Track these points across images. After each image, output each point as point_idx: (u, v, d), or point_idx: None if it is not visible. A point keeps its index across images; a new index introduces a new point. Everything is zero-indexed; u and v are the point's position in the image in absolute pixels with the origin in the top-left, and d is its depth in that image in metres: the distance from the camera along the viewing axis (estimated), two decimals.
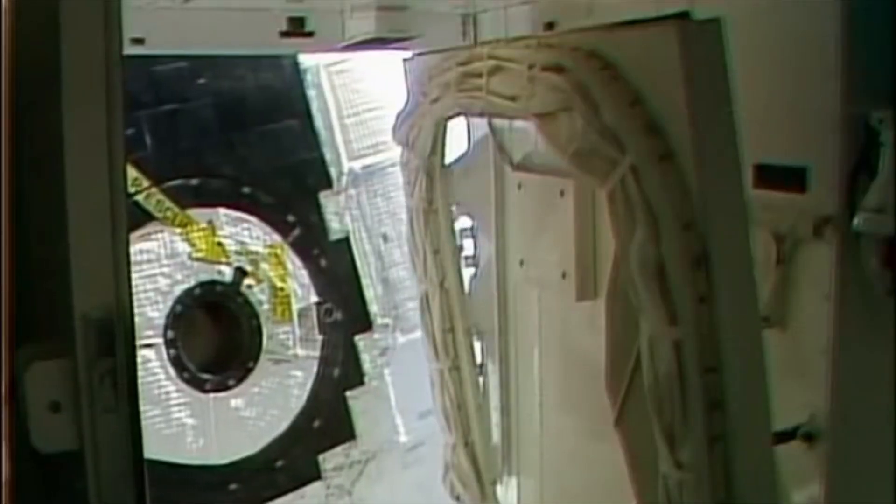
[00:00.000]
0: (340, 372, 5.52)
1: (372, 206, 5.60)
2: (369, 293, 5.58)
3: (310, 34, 4.28)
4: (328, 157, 5.52)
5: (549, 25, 4.08)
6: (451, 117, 4.18)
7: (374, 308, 5.59)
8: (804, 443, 3.03)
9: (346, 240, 5.54)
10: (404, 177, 4.67)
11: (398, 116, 4.47)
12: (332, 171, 5.51)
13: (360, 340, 5.54)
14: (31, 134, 1.87)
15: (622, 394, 3.19)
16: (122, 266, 1.86)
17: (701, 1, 2.90)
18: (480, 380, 4.73)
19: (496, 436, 4.77)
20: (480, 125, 4.48)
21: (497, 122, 4.18)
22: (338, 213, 5.51)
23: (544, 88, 3.10)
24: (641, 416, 2.93)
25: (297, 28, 4.23)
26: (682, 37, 2.62)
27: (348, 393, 5.50)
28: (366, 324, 5.59)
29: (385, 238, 5.63)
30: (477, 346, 4.76)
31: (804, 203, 2.98)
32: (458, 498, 4.81)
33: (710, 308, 2.69)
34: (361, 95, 5.59)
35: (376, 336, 5.57)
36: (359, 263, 5.55)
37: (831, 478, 3.01)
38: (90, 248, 1.85)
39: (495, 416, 4.77)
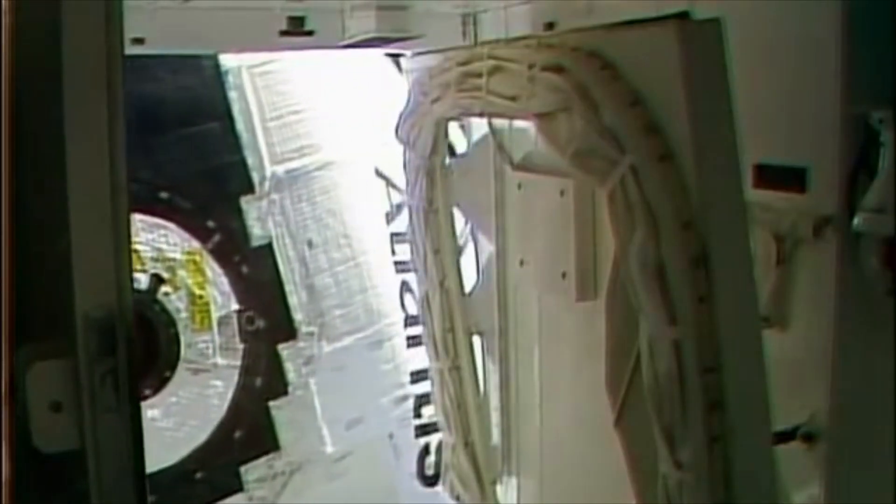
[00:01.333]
0: (263, 381, 5.30)
1: (296, 212, 5.37)
2: (293, 300, 5.34)
3: (310, 33, 4.28)
4: (250, 160, 5.28)
5: (549, 25, 4.09)
6: (451, 118, 4.19)
7: (298, 316, 5.35)
8: (804, 443, 3.03)
9: (269, 246, 5.30)
10: (404, 177, 4.68)
11: (399, 116, 4.47)
12: (255, 176, 5.27)
13: (284, 349, 5.31)
14: (31, 133, 1.87)
15: (622, 394, 3.19)
16: (123, 265, 1.86)
17: (701, 1, 2.90)
18: (481, 380, 4.73)
19: (496, 436, 4.77)
20: (480, 125, 4.48)
21: (497, 122, 4.18)
22: (260, 219, 5.28)
23: (544, 88, 3.10)
24: (641, 416, 2.93)
25: (296, 27, 4.23)
26: (682, 37, 2.62)
27: (271, 403, 5.28)
28: (290, 332, 5.34)
29: (310, 244, 5.39)
30: (477, 345, 4.76)
31: (804, 203, 2.98)
32: (458, 498, 4.82)
33: (710, 308, 2.69)
34: (286, 97, 5.38)
35: (301, 344, 5.34)
36: (282, 270, 5.32)
37: (831, 478, 3.01)
38: (91, 248, 1.85)
39: (495, 417, 4.77)
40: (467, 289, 4.67)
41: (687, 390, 2.72)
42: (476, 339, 4.74)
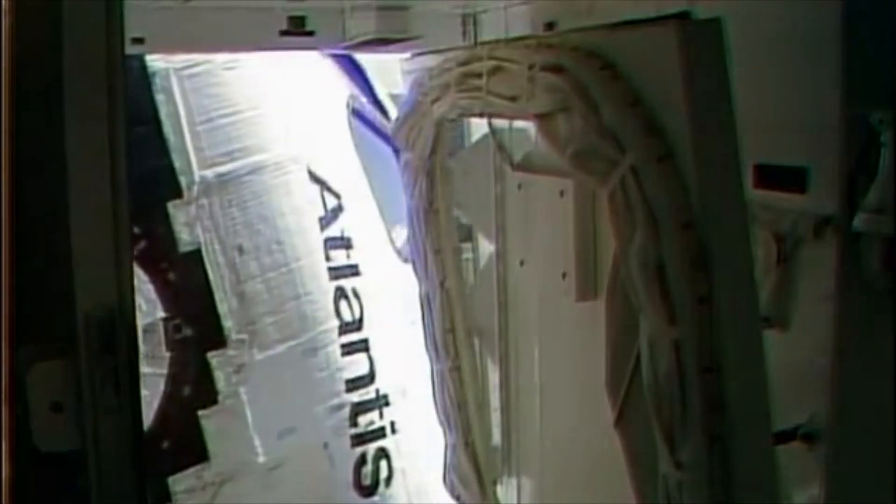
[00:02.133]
0: (191, 390, 5.11)
1: (226, 217, 5.18)
2: (223, 308, 5.15)
3: (310, 33, 4.28)
4: (178, 165, 5.10)
5: (549, 25, 4.09)
6: (451, 119, 4.19)
7: (228, 323, 5.17)
8: (804, 443, 3.03)
9: (198, 252, 5.11)
10: (404, 177, 4.68)
11: (398, 116, 4.48)
12: (183, 180, 5.09)
13: (213, 357, 5.12)
14: (31, 133, 1.87)
15: (622, 394, 3.19)
16: (124, 265, 1.86)
17: (701, 1, 2.90)
18: (480, 380, 4.73)
19: (496, 436, 4.77)
20: (480, 125, 4.48)
21: (497, 122, 4.18)
22: (188, 224, 5.09)
23: (544, 89, 3.10)
24: (641, 416, 2.93)
25: (297, 27, 4.23)
26: (682, 37, 2.62)
27: (200, 412, 5.07)
28: (219, 340, 5.16)
29: (241, 250, 5.20)
30: (477, 345, 4.76)
31: (804, 203, 2.98)
32: (458, 498, 4.82)
33: (710, 308, 2.69)
34: (216, 100, 5.20)
35: (231, 352, 5.15)
36: (211, 277, 5.13)
37: (831, 478, 3.01)
38: (91, 248, 1.85)
39: (495, 417, 4.77)
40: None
41: (687, 390, 2.72)
42: (476, 339, 4.74)
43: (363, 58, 6.12)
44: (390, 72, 6.33)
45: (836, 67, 2.85)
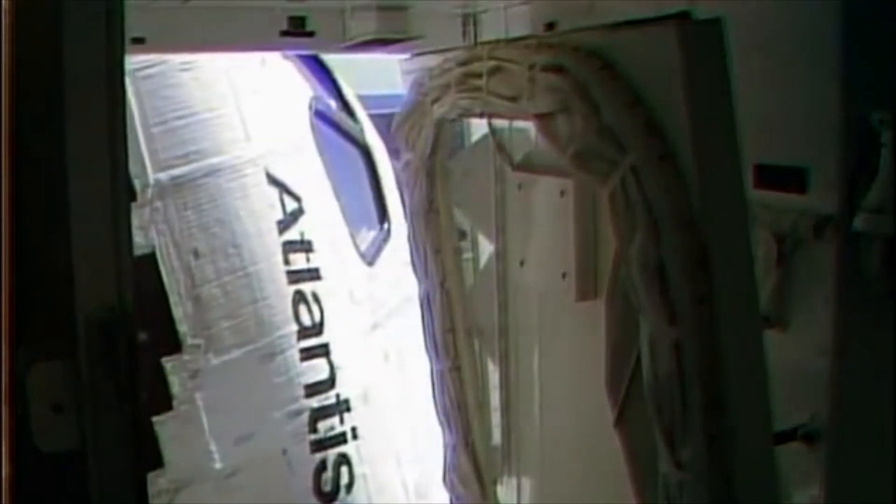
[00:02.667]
0: (145, 396, 4.77)
1: (181, 220, 5.09)
2: (178, 312, 5.06)
3: (310, 34, 4.27)
4: (132, 167, 4.79)
5: (550, 26, 4.08)
6: (451, 119, 4.19)
7: (183, 328, 5.07)
8: (804, 443, 3.03)
9: (152, 255, 5.03)
10: (404, 177, 4.68)
11: (398, 116, 4.47)
12: (137, 183, 4.99)
13: (168, 362, 5.03)
14: (31, 133, 1.87)
15: (622, 394, 3.19)
16: (124, 266, 1.86)
17: (701, 1, 2.90)
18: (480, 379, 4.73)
19: (496, 436, 4.77)
20: (480, 125, 4.48)
21: (497, 122, 4.18)
22: (142, 227, 4.97)
23: (544, 89, 3.10)
24: (641, 416, 2.93)
25: (297, 28, 4.22)
26: (683, 37, 2.62)
27: (155, 418, 4.97)
28: (174, 345, 5.07)
29: (196, 254, 5.10)
30: (477, 345, 4.76)
31: (804, 203, 2.98)
32: (458, 498, 4.82)
33: (711, 308, 2.69)
34: (170, 102, 5.12)
35: (186, 358, 5.05)
36: (166, 281, 5.04)
37: (831, 478, 3.01)
38: (91, 248, 1.85)
39: (495, 417, 4.77)
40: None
41: (687, 390, 2.72)
42: (476, 339, 4.74)
43: (329, 58, 6.03)
44: (358, 72, 6.26)
45: (836, 67, 2.85)
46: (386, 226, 6.35)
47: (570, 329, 4.12)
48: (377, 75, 5.43)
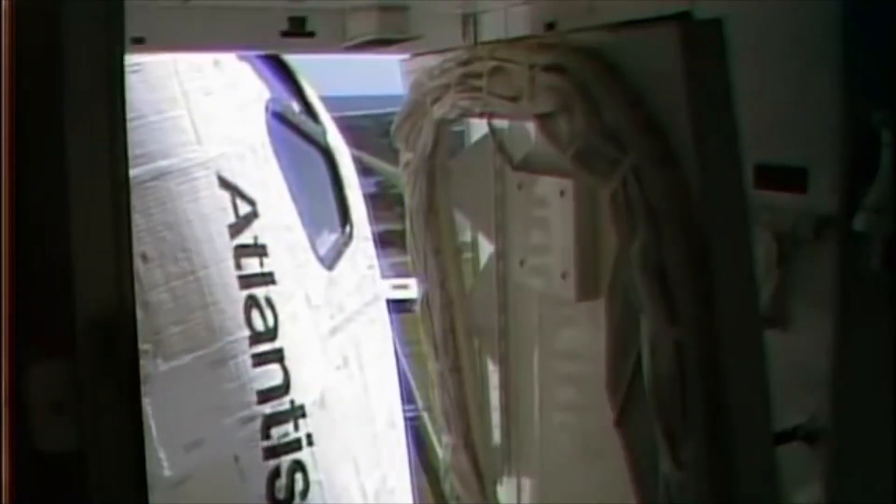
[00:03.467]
0: None
1: None
2: None
3: (310, 34, 4.27)
4: None
5: (550, 26, 4.08)
6: (451, 119, 4.19)
7: None
8: (805, 443, 3.03)
9: None
10: (404, 177, 4.68)
11: (398, 117, 4.47)
12: None
13: None
14: (31, 133, 1.87)
15: (622, 394, 3.19)
16: (124, 266, 1.86)
17: (701, 1, 2.90)
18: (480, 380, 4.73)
19: (496, 436, 4.77)
20: (480, 125, 4.48)
21: (497, 121, 4.18)
22: None
23: (545, 89, 3.10)
24: (642, 416, 2.93)
25: (297, 28, 4.22)
26: (684, 37, 2.62)
27: None
28: None
29: (144, 258, 4.97)
30: (476, 345, 4.75)
31: (805, 203, 2.98)
32: (458, 498, 4.81)
33: (711, 308, 2.69)
34: None
35: None
36: None
37: (831, 478, 3.01)
38: (91, 248, 1.85)
39: (495, 417, 4.77)
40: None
41: (688, 390, 2.72)
42: (476, 339, 4.74)
43: (291, 59, 5.95)
44: (321, 73, 6.17)
45: (836, 67, 2.85)
46: (347, 229, 6.26)
47: (570, 329, 4.12)
48: (362, 76, 5.39)
